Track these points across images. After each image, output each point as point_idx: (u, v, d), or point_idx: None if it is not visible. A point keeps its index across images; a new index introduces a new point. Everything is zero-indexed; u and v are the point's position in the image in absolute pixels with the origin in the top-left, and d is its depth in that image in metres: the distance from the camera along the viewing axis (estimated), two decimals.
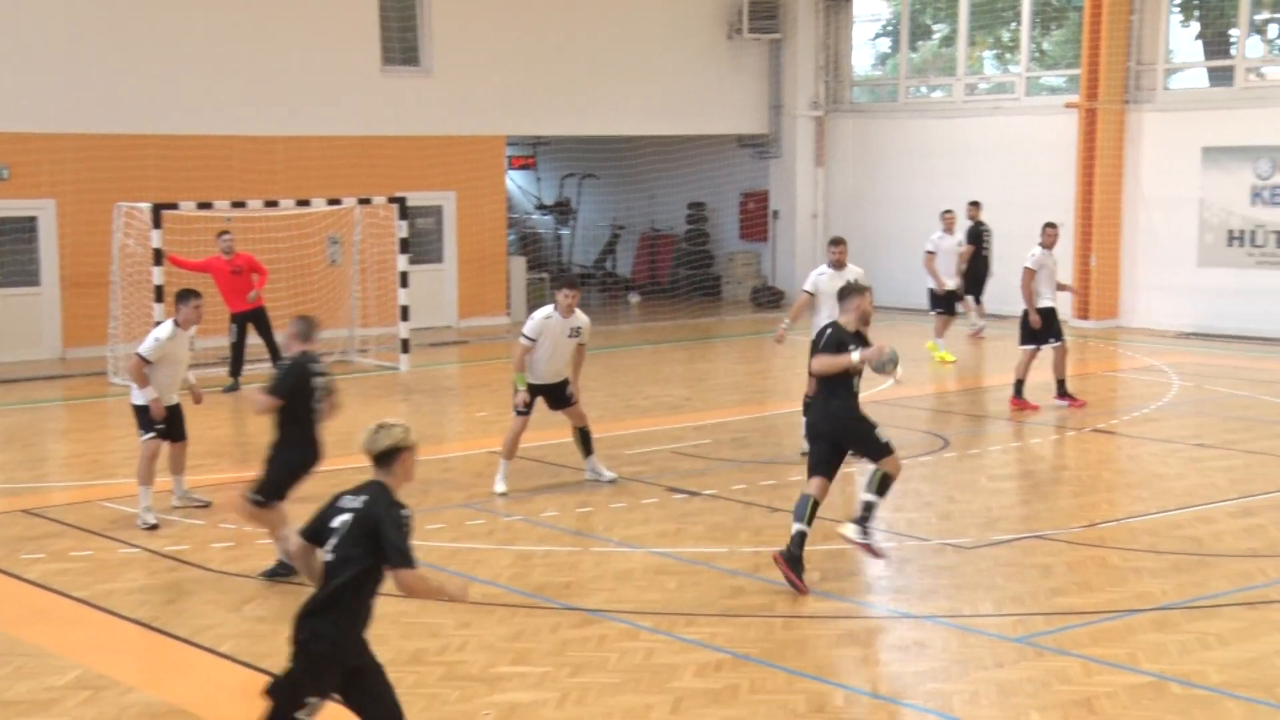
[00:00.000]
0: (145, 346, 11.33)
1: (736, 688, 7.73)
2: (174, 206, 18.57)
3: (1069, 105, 23.25)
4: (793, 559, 9.31)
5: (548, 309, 12.47)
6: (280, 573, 9.78)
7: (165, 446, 11.46)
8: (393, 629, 8.75)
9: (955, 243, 19.94)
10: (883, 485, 9.51)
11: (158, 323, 13.17)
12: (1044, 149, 23.90)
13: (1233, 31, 22.74)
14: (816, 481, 9.44)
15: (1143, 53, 22.99)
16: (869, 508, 9.53)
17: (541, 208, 30.93)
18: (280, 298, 21.48)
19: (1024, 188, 24.21)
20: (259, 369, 18.20)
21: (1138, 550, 10.28)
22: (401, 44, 23.55)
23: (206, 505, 11.81)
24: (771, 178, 27.88)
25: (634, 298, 28.28)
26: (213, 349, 19.55)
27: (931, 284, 19.83)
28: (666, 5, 26.07)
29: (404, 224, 19.73)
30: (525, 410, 12.38)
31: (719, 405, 16.68)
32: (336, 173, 22.34)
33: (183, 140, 21.35)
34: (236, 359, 17.90)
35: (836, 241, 13.54)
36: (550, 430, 15.17)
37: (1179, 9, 23.61)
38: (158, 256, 17.87)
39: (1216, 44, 23.51)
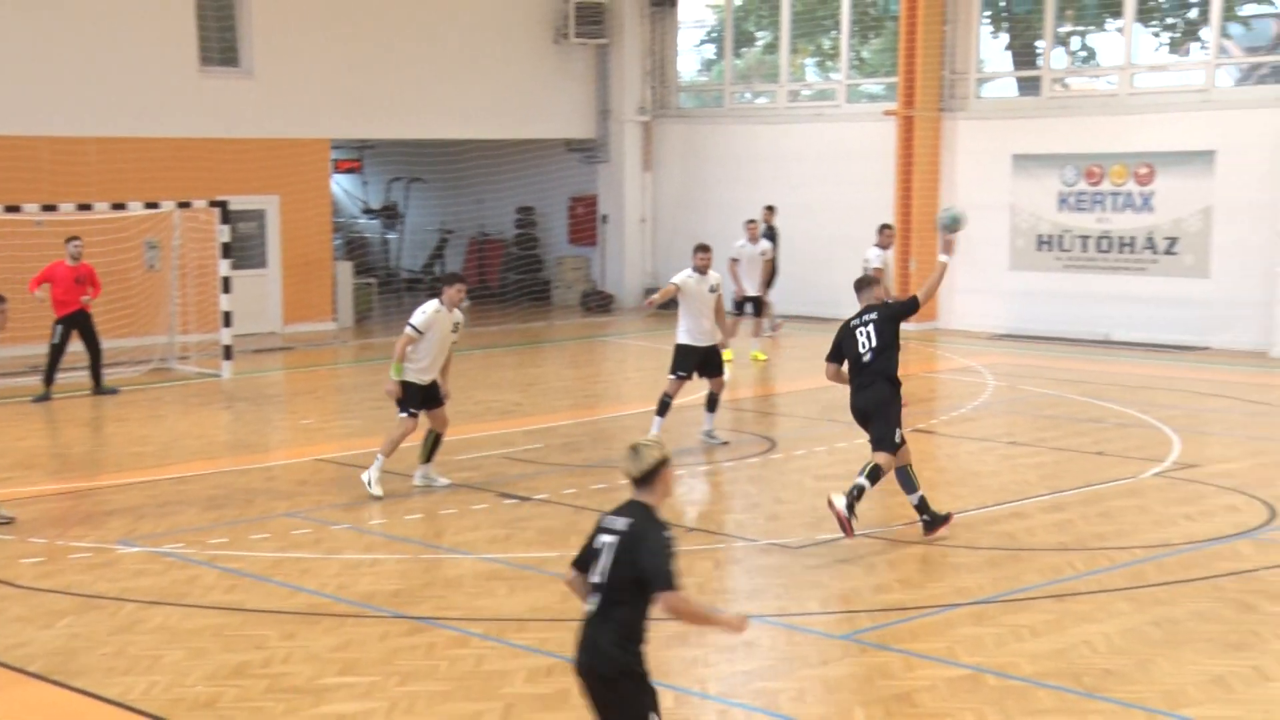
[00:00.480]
0: None
1: (567, 692, 7.70)
2: None
3: (887, 113, 23.87)
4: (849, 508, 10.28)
5: (434, 303, 12.38)
6: None
7: None
8: (214, 641, 8.60)
9: (759, 251, 20.21)
10: (873, 474, 10.45)
11: None
12: (865, 155, 24.50)
13: (1039, 43, 23.63)
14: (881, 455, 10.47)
15: (956, 62, 23.74)
16: (859, 490, 10.38)
17: (368, 212, 30.54)
18: (97, 304, 20.77)
19: (847, 193, 24.81)
20: (74, 376, 17.64)
21: (956, 546, 10.58)
22: (220, 44, 23.00)
23: (10, 521, 11.30)
24: (600, 182, 28.00)
25: (464, 303, 28.09)
26: (22, 358, 18.89)
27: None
28: (493, 9, 25.98)
29: (225, 228, 19.28)
30: (414, 413, 12.22)
31: (549, 410, 16.69)
32: (154, 175, 21.67)
33: None
34: (53, 364, 17.29)
35: (703, 248, 14.29)
36: (377, 438, 14.99)
37: (989, 20, 24.44)
38: None
39: (1024, 55, 24.41)
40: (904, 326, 10.21)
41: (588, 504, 11.94)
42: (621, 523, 6.04)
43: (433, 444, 12.58)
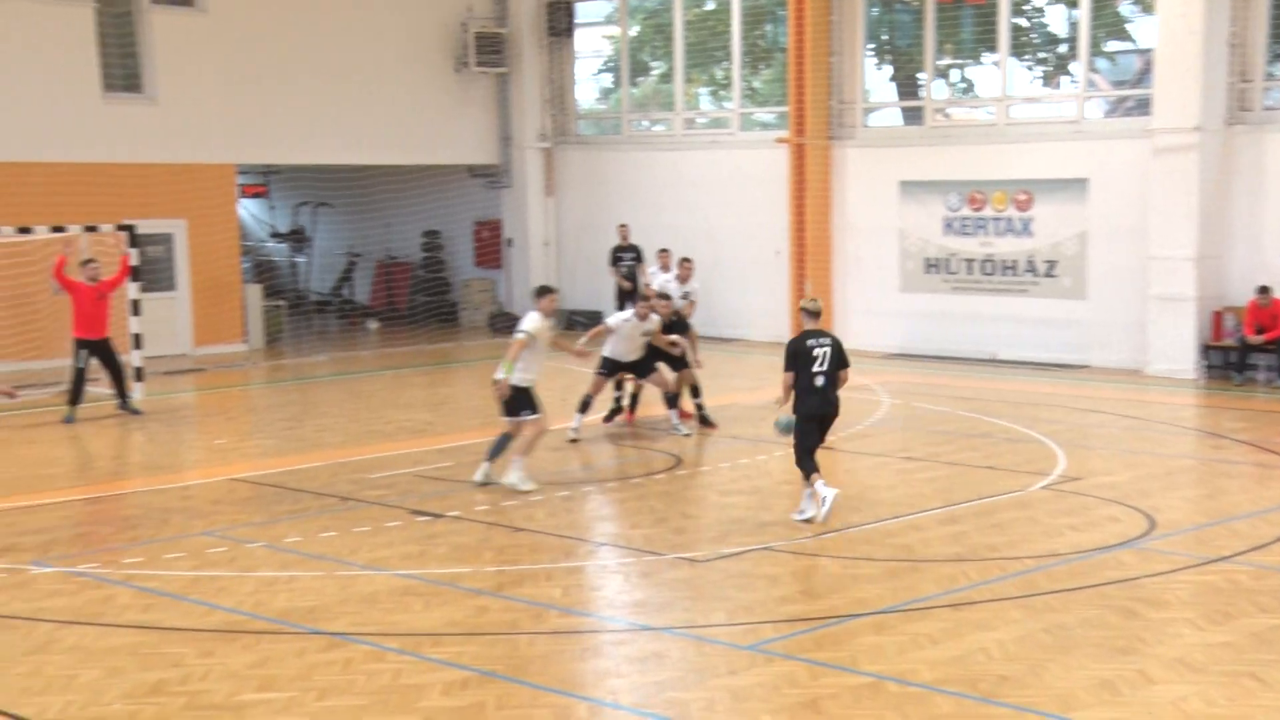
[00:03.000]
0: None
1: (483, 705, 7.84)
2: None
3: (780, 140, 24.36)
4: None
5: (535, 314, 13.55)
6: None
7: None
8: (130, 660, 8.60)
9: (683, 292, 20.33)
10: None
11: None
12: (759, 181, 24.96)
13: (920, 75, 24.35)
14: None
15: (844, 92, 24.33)
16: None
17: (276, 235, 30.47)
18: (7, 327, 20.59)
19: (743, 217, 25.30)
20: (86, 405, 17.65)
21: (856, 558, 10.86)
22: (123, 70, 22.90)
23: None
24: (504, 207, 28.22)
25: (372, 324, 28.15)
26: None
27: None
28: (395, 38, 26.13)
29: (134, 251, 19.20)
30: (537, 412, 13.30)
31: (460, 428, 16.82)
32: (60, 200, 21.53)
33: None
34: (79, 386, 17.40)
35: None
36: (290, 457, 15.09)
37: (873, 52, 25.09)
38: None
39: (908, 86, 25.11)
40: None
41: (499, 520, 12.14)
42: (826, 338, 11.94)
43: (502, 444, 13.34)
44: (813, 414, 12.01)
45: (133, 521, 12.33)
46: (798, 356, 11.90)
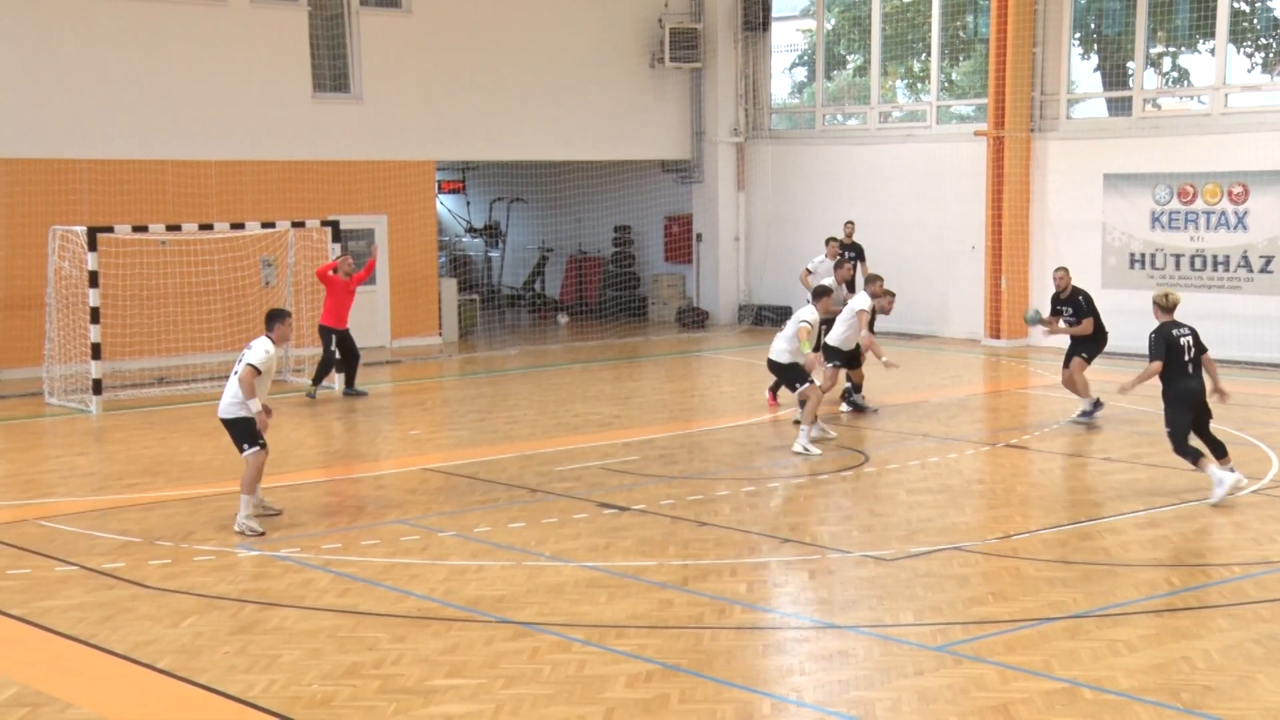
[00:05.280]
0: (257, 357, 11.68)
1: (666, 698, 7.87)
2: (109, 230, 18.63)
3: (978, 133, 23.88)
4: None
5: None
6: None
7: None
8: (329, 643, 8.87)
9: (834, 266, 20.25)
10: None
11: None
12: (955, 175, 24.51)
13: (1130, 64, 23.52)
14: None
15: (1045, 83, 23.69)
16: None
17: (471, 231, 31.12)
18: (215, 319, 21.56)
19: (937, 212, 24.85)
20: (287, 395, 18.64)
21: (1050, 561, 10.60)
22: (332, 71, 23.69)
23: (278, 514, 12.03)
24: (694, 202, 28.28)
25: (562, 318, 28.55)
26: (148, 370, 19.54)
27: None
28: (591, 35, 26.42)
29: (337, 246, 19.87)
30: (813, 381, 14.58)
31: (647, 423, 16.92)
32: (269, 196, 22.45)
33: (115, 165, 21.33)
34: (324, 369, 18.78)
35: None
36: (481, 448, 15.40)
37: (1079, 42, 24.35)
38: (93, 279, 17.87)
39: (1115, 76, 24.29)
40: (994, 343, 11.30)
41: (684, 514, 12.17)
42: (1185, 328, 12.72)
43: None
44: (1187, 398, 12.54)
45: (331, 508, 12.74)
46: (1169, 347, 12.55)
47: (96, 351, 17.91)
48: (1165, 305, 12.88)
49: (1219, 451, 12.66)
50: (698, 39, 27.03)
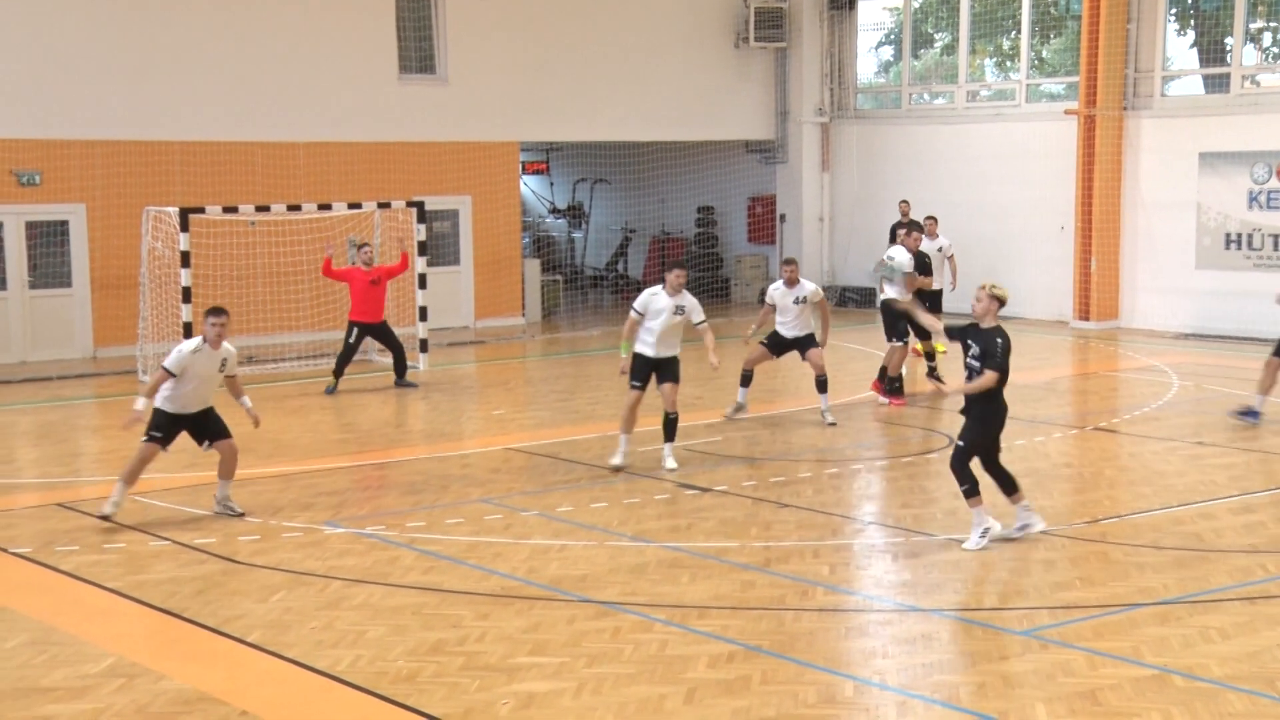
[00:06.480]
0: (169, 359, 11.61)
1: (748, 679, 7.87)
2: (200, 210, 18.97)
3: (1068, 112, 23.49)
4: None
5: (658, 287, 13.58)
6: None
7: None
8: (413, 620, 8.98)
9: (935, 248, 20.06)
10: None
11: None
12: (1044, 154, 24.15)
13: (1228, 40, 22.98)
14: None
15: (1140, 61, 23.24)
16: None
17: (555, 211, 31.21)
18: (303, 298, 21.87)
19: (1026, 192, 24.50)
20: (373, 376, 18.72)
21: (1140, 545, 10.46)
22: (418, 53, 23.88)
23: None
24: (778, 182, 28.14)
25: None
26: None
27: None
28: (675, 15, 26.35)
29: (422, 227, 20.02)
30: (639, 385, 13.28)
31: (729, 404, 16.87)
32: (356, 177, 22.72)
33: (206, 146, 21.73)
34: (344, 360, 18.18)
35: (789, 261, 15.93)
36: (564, 428, 15.47)
37: (1175, 18, 23.85)
38: (185, 259, 18.19)
39: (1212, 52, 23.75)
40: (1083, 325, 10.85)
41: (766, 495, 12.15)
42: None
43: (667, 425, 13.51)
44: (1002, 418, 10.80)
45: (416, 487, 12.87)
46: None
47: (188, 331, 18.20)
48: (1004, 301, 10.61)
49: (1010, 486, 10.72)
50: (783, 18, 26.84)
